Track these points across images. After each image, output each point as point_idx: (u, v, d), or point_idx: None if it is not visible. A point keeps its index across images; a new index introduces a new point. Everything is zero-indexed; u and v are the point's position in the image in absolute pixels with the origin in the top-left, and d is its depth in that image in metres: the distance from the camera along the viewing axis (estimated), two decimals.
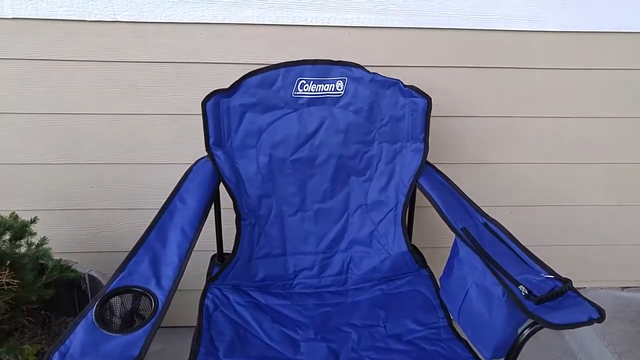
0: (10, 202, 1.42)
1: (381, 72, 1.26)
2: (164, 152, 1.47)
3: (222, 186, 1.24)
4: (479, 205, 1.20)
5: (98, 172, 1.49)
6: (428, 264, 1.34)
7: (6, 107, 1.40)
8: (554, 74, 1.51)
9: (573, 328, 0.88)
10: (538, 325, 0.90)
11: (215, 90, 1.17)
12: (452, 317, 1.18)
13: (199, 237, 1.20)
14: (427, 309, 1.23)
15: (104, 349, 0.78)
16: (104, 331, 0.81)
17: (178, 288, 1.44)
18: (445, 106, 1.50)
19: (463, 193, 1.23)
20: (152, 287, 0.92)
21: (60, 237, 1.51)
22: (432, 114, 1.25)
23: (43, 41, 1.33)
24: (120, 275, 0.92)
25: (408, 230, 1.36)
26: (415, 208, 1.36)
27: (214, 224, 1.30)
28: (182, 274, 0.96)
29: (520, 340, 0.93)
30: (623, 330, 1.67)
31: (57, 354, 0.76)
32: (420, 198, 1.28)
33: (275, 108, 1.23)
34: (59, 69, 1.36)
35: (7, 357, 1.05)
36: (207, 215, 1.10)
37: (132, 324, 0.85)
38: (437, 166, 1.32)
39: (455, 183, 1.26)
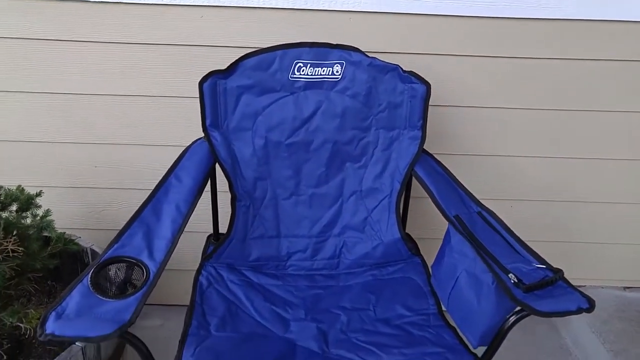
0: (18, 178, 1.47)
1: (382, 58, 1.26)
2: (166, 134, 1.51)
3: (218, 168, 1.26)
4: (478, 197, 1.20)
5: (102, 151, 1.54)
6: (422, 254, 1.35)
7: (15, 86, 1.44)
8: (561, 64, 1.49)
9: (560, 316, 0.88)
10: (524, 313, 0.90)
11: (212, 71, 1.19)
12: (442, 305, 1.19)
13: (197, 219, 1.23)
14: (417, 296, 1.25)
15: (97, 312, 0.82)
16: (99, 296, 0.84)
17: (177, 268, 1.50)
18: (447, 95, 1.50)
19: (459, 182, 1.23)
20: (145, 258, 0.95)
21: (64, 213, 1.56)
22: (434, 103, 1.25)
23: (50, 21, 1.37)
24: (115, 246, 0.96)
25: (403, 219, 1.37)
26: (410, 198, 1.37)
27: (211, 206, 1.33)
28: (174, 247, 0.98)
29: (506, 326, 0.93)
30: (621, 329, 1.66)
31: (53, 314, 0.80)
32: (417, 188, 1.28)
33: (271, 91, 1.24)
34: (65, 49, 1.40)
35: (11, 320, 1.10)
36: (202, 193, 1.13)
37: (125, 292, 0.89)
38: (438, 157, 1.32)
39: (456, 174, 1.26)
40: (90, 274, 0.88)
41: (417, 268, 1.32)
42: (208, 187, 1.29)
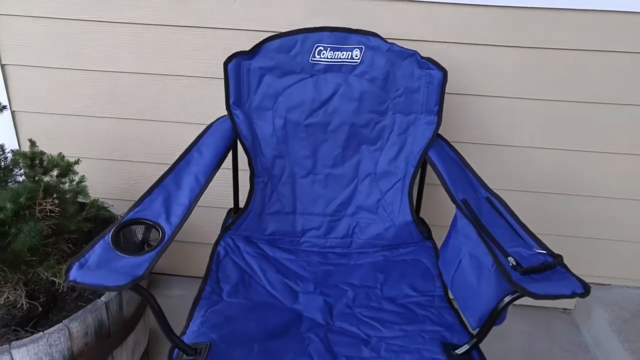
0: (60, 148, 1.59)
1: (405, 45, 1.28)
2: (195, 112, 1.59)
3: (240, 147, 1.33)
4: (503, 187, 1.18)
5: (136, 127, 1.64)
6: (435, 239, 1.37)
7: (58, 63, 1.56)
8: (581, 55, 1.48)
9: (553, 299, 0.89)
10: (518, 294, 0.90)
11: (236, 52, 1.25)
12: (446, 286, 1.22)
13: (220, 195, 1.27)
14: (425, 278, 1.28)
15: (115, 265, 0.89)
16: (117, 252, 0.93)
17: (200, 241, 1.58)
18: (466, 84, 1.51)
19: (471, 168, 1.25)
20: (162, 221, 1.02)
21: (101, 184, 1.69)
22: (454, 92, 1.26)
23: (92, 3, 1.47)
24: (136, 209, 1.04)
25: (417, 204, 1.40)
26: (425, 184, 1.40)
27: (232, 183, 1.41)
28: (190, 213, 1.05)
29: (500, 307, 0.94)
30: None
31: (77, 264, 0.88)
32: (432, 174, 1.30)
33: (292, 72, 1.30)
34: (106, 30, 1.51)
35: (46, 274, 1.21)
36: (220, 166, 1.20)
37: (142, 250, 0.97)
38: (460, 145, 1.33)
39: (478, 163, 1.25)
40: (111, 232, 0.96)
41: (427, 251, 1.35)
42: (230, 164, 1.37)
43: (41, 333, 1.08)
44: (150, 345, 1.57)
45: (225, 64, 1.26)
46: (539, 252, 1.00)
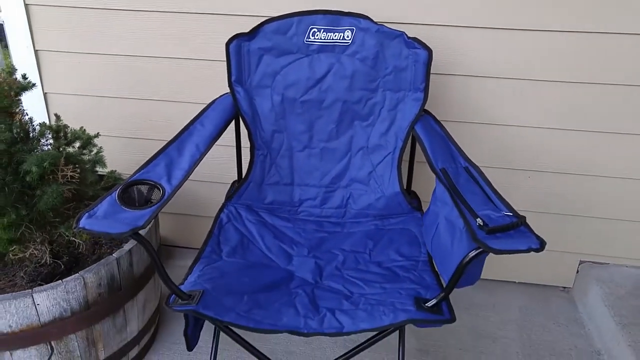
0: (89, 127, 1.75)
1: (403, 29, 1.37)
2: (211, 93, 1.70)
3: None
4: (495, 165, 1.23)
5: (157, 107, 1.78)
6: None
7: (86, 48, 1.72)
8: (572, 37, 1.53)
9: (510, 254, 0.95)
10: (481, 250, 0.97)
11: (237, 34, 1.37)
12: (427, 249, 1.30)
13: (225, 171, 1.36)
14: (412, 245, 1.36)
15: (119, 216, 1.01)
16: (122, 206, 1.05)
17: (206, 215, 1.70)
18: (461, 64, 1.58)
19: (453, 140, 1.32)
20: (164, 182, 1.13)
21: (125, 160, 1.81)
22: (447, 73, 1.31)
23: None
24: (142, 172, 1.15)
25: (408, 178, 1.49)
26: (417, 162, 1.47)
27: (235, 159, 1.52)
28: (189, 176, 1.17)
29: (464, 261, 1.00)
30: (634, 306, 1.66)
31: (86, 214, 1.00)
32: None
33: (288, 53, 1.40)
34: (131, 17, 1.65)
35: (66, 233, 1.36)
36: (220, 137, 1.31)
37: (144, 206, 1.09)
38: (452, 123, 1.40)
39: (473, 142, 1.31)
40: (118, 190, 1.09)
41: (416, 221, 1.42)
42: (233, 142, 1.48)
43: (60, 281, 1.22)
44: (162, 309, 1.71)
45: (227, 44, 1.37)
46: (506, 215, 1.06)
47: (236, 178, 1.56)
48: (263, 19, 1.38)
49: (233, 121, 1.43)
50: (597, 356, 1.63)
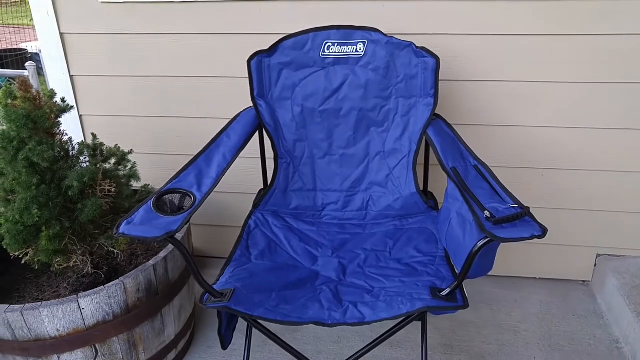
0: (122, 145, 1.86)
1: (411, 40, 1.45)
2: (232, 108, 1.79)
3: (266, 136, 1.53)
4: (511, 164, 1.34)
5: (184, 124, 1.89)
6: None
7: (117, 71, 1.84)
8: (571, 39, 1.59)
9: (515, 241, 1.02)
10: (488, 239, 1.04)
11: (257, 51, 1.47)
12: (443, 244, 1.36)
13: (253, 183, 1.43)
14: (429, 242, 1.43)
15: (155, 222, 1.10)
16: (157, 213, 1.15)
17: (235, 225, 1.80)
18: (468, 71, 1.66)
19: (463, 141, 1.39)
20: (194, 190, 1.23)
21: (155, 176, 1.91)
22: (456, 79, 1.39)
23: (143, 19, 1.73)
24: (174, 181, 1.25)
25: (425, 179, 1.56)
26: (432, 164, 1.53)
27: (261, 168, 1.61)
28: (217, 184, 1.26)
29: (474, 250, 1.07)
30: None
31: (125, 221, 1.10)
32: None
33: (306, 66, 1.50)
34: (153, 40, 1.77)
35: (105, 243, 1.46)
36: (245, 147, 1.40)
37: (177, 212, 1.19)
38: (463, 127, 1.47)
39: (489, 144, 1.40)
40: (153, 199, 1.18)
41: (433, 220, 1.49)
42: (258, 153, 1.57)
43: (102, 287, 1.32)
44: (197, 316, 1.80)
45: (249, 61, 1.48)
46: (512, 206, 1.13)
47: (262, 187, 1.65)
48: (280, 36, 1.48)
49: (257, 133, 1.52)
50: (616, 344, 1.67)
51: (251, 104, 1.53)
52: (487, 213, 1.10)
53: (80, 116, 1.93)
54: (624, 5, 1.53)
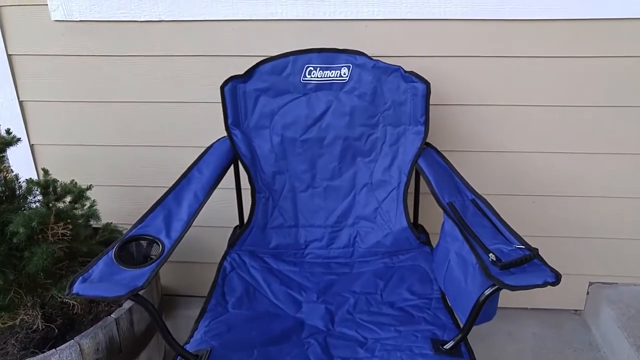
0: (76, 177, 1.67)
1: (396, 62, 1.35)
2: (205, 136, 1.66)
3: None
4: (500, 192, 1.23)
5: (150, 153, 1.73)
6: (434, 246, 1.40)
7: (71, 97, 1.67)
8: (563, 62, 1.53)
9: (526, 289, 0.91)
10: (496, 287, 0.94)
11: (232, 76, 1.34)
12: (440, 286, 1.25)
13: (227, 215, 1.30)
14: (423, 282, 1.31)
15: (116, 277, 0.96)
16: (119, 265, 0.99)
17: (209, 261, 1.64)
18: (455, 94, 1.57)
19: (457, 172, 1.29)
20: (162, 237, 1.08)
21: (116, 210, 1.75)
22: (445, 103, 1.30)
23: (103, 39, 1.58)
24: (139, 226, 1.11)
25: (415, 211, 1.45)
26: (423, 193, 1.42)
27: (237, 202, 1.47)
28: (189, 227, 1.12)
29: (481, 299, 0.97)
30: None
31: (80, 278, 0.95)
32: None
33: (285, 92, 1.38)
34: (115, 63, 1.61)
35: (59, 295, 1.28)
36: (219, 183, 1.26)
37: (144, 263, 1.03)
38: (451, 153, 1.39)
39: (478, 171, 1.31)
40: (115, 248, 1.03)
41: (426, 256, 1.38)
42: (233, 184, 1.43)
43: (53, 350, 1.14)
44: None
45: (222, 87, 1.34)
46: (518, 248, 1.03)
47: (238, 221, 1.51)
48: (257, 60, 1.35)
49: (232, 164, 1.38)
50: None
51: (225, 134, 1.39)
52: (492, 256, 1.00)
53: (32, 145, 1.74)
54: (623, 28, 1.48)
